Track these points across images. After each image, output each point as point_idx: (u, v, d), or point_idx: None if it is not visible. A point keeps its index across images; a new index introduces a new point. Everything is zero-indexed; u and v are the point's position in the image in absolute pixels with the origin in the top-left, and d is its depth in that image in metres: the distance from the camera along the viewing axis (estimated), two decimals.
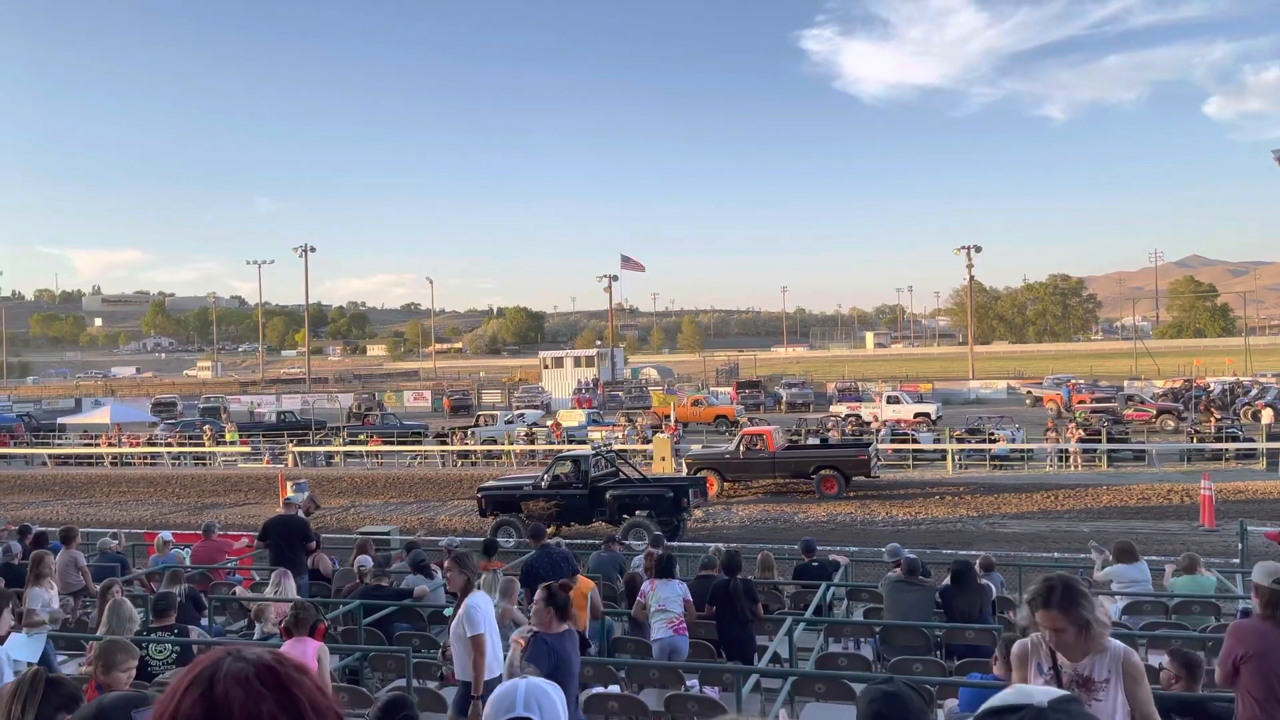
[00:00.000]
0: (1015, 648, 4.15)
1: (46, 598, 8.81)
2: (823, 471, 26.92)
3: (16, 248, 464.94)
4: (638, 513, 20.95)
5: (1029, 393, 58.33)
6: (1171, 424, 39.51)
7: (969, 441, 32.98)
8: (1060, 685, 3.83)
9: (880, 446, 31.40)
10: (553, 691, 2.46)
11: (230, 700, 1.16)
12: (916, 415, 44.63)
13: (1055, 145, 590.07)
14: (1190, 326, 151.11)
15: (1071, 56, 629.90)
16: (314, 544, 12.56)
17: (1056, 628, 3.78)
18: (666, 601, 8.82)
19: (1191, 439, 32.83)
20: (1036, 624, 3.88)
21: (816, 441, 32.50)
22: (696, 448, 32.65)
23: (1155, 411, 41.51)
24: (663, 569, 9.17)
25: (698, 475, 26.10)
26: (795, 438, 32.90)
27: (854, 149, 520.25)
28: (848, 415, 45.75)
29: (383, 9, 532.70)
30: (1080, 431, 32.43)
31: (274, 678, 1.19)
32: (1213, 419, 35.07)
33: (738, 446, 27.85)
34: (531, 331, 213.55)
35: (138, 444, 43.88)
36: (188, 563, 13.41)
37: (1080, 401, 49.83)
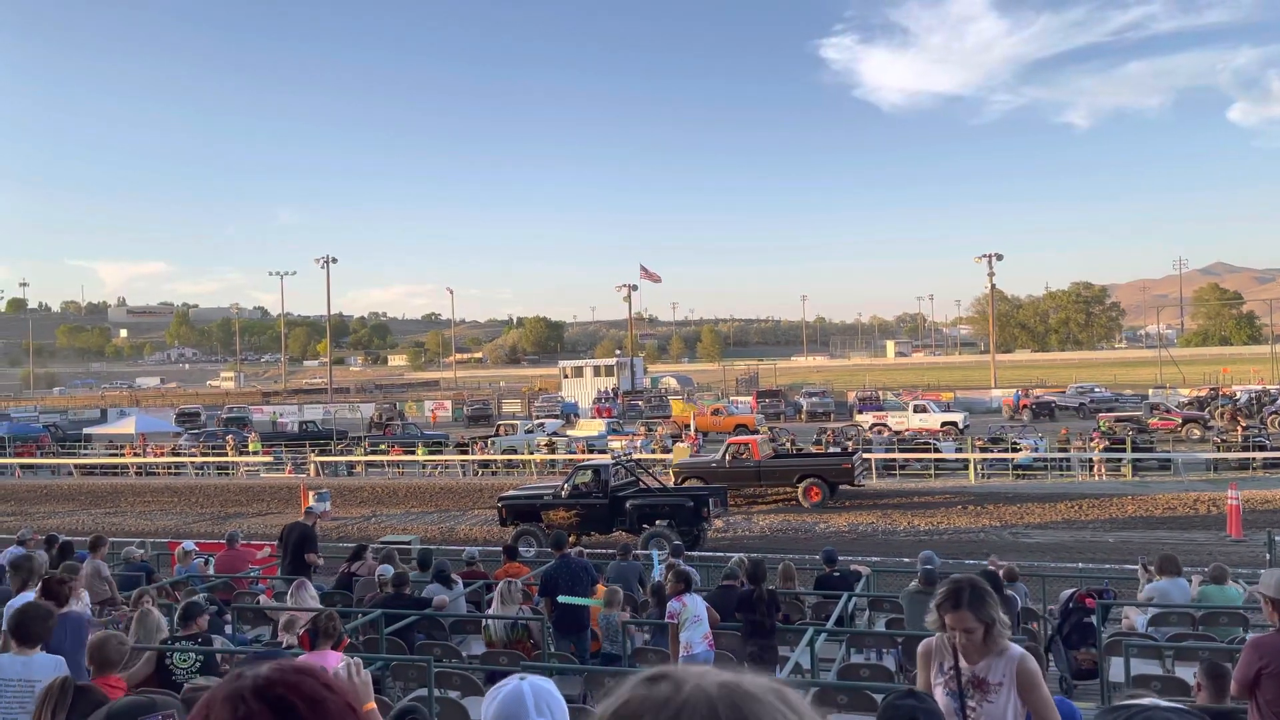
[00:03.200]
0: (920, 647, 4.20)
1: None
2: (807, 480, 26.97)
3: (44, 260, 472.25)
4: (658, 522, 20.94)
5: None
6: (1197, 433, 39.09)
7: (991, 451, 32.75)
8: (959, 686, 3.91)
9: (874, 456, 31.93)
10: (555, 689, 2.40)
11: None
12: (944, 424, 44.50)
13: (1077, 152, 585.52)
14: (1216, 334, 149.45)
15: (1094, 63, 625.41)
16: (314, 553, 13.27)
17: (968, 628, 3.84)
18: (698, 617, 8.82)
19: (1218, 448, 32.47)
20: (945, 627, 3.95)
21: (835, 450, 32.47)
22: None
23: (1180, 420, 41.09)
24: (690, 584, 9.14)
25: (683, 484, 26.25)
26: (776, 445, 33.08)
27: (874, 157, 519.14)
28: (874, 425, 45.55)
29: (403, 19, 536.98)
30: (1104, 441, 32.17)
31: (273, 692, 1.21)
32: (1239, 427, 34.66)
33: (724, 455, 27.94)
34: (551, 341, 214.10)
35: (162, 454, 44.28)
36: (211, 572, 13.53)
37: (1024, 405, 52.98)
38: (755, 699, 0.98)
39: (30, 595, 7.89)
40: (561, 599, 10.06)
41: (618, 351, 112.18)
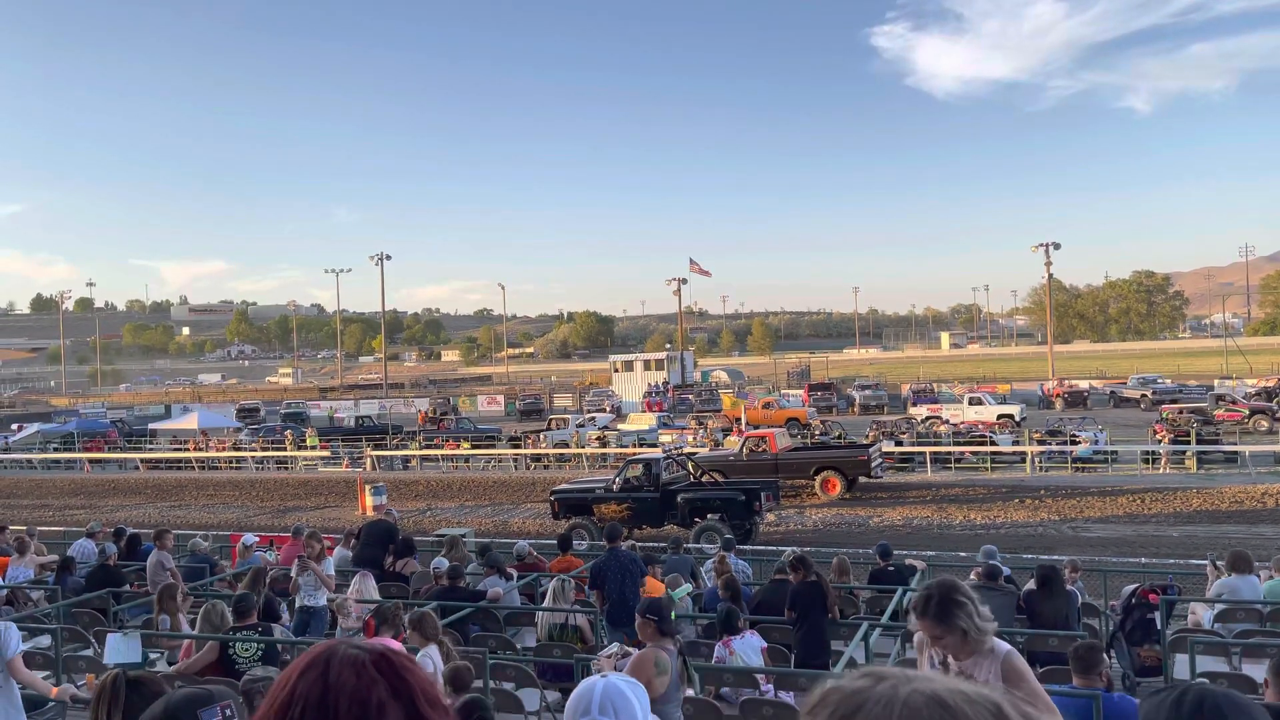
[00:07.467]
0: (916, 637, 4.17)
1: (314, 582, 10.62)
2: (824, 473, 26.83)
3: (110, 261, 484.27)
4: (709, 516, 20.90)
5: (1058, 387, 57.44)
6: (1265, 424, 37.97)
7: (1049, 443, 32.15)
8: None
9: (928, 449, 31.85)
10: (629, 690, 2.37)
11: (343, 683, 1.21)
12: (1000, 416, 43.85)
13: (1139, 137, 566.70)
14: None
15: (1155, 46, 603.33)
16: (394, 548, 13.10)
17: (934, 635, 3.83)
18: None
19: None
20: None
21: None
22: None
23: (1248, 412, 39.94)
24: (734, 624, 7.99)
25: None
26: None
27: (927, 146, 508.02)
28: (928, 418, 45.00)
29: (453, 20, 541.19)
30: (1168, 433, 31.40)
31: (388, 665, 1.24)
32: None
33: (742, 449, 27.90)
34: (601, 335, 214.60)
35: (223, 449, 45.32)
36: (275, 562, 13.79)
37: (1056, 395, 54.03)
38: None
39: None
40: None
41: (668, 345, 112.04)
